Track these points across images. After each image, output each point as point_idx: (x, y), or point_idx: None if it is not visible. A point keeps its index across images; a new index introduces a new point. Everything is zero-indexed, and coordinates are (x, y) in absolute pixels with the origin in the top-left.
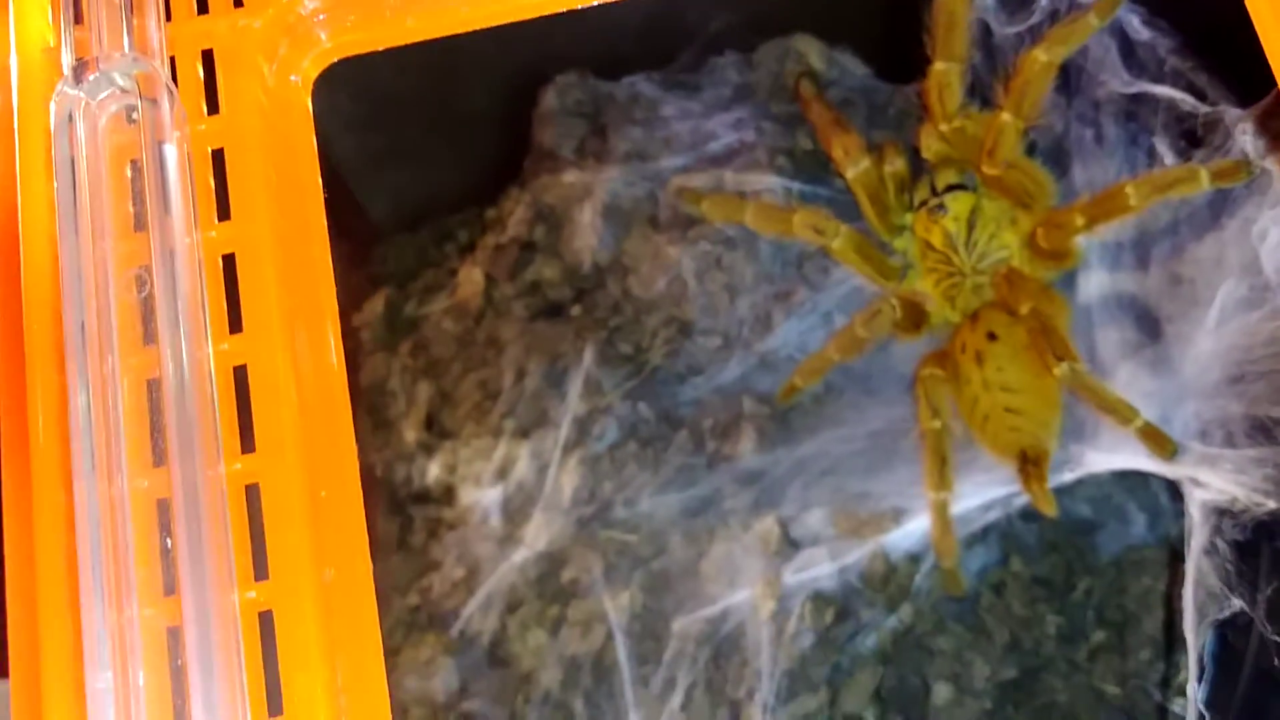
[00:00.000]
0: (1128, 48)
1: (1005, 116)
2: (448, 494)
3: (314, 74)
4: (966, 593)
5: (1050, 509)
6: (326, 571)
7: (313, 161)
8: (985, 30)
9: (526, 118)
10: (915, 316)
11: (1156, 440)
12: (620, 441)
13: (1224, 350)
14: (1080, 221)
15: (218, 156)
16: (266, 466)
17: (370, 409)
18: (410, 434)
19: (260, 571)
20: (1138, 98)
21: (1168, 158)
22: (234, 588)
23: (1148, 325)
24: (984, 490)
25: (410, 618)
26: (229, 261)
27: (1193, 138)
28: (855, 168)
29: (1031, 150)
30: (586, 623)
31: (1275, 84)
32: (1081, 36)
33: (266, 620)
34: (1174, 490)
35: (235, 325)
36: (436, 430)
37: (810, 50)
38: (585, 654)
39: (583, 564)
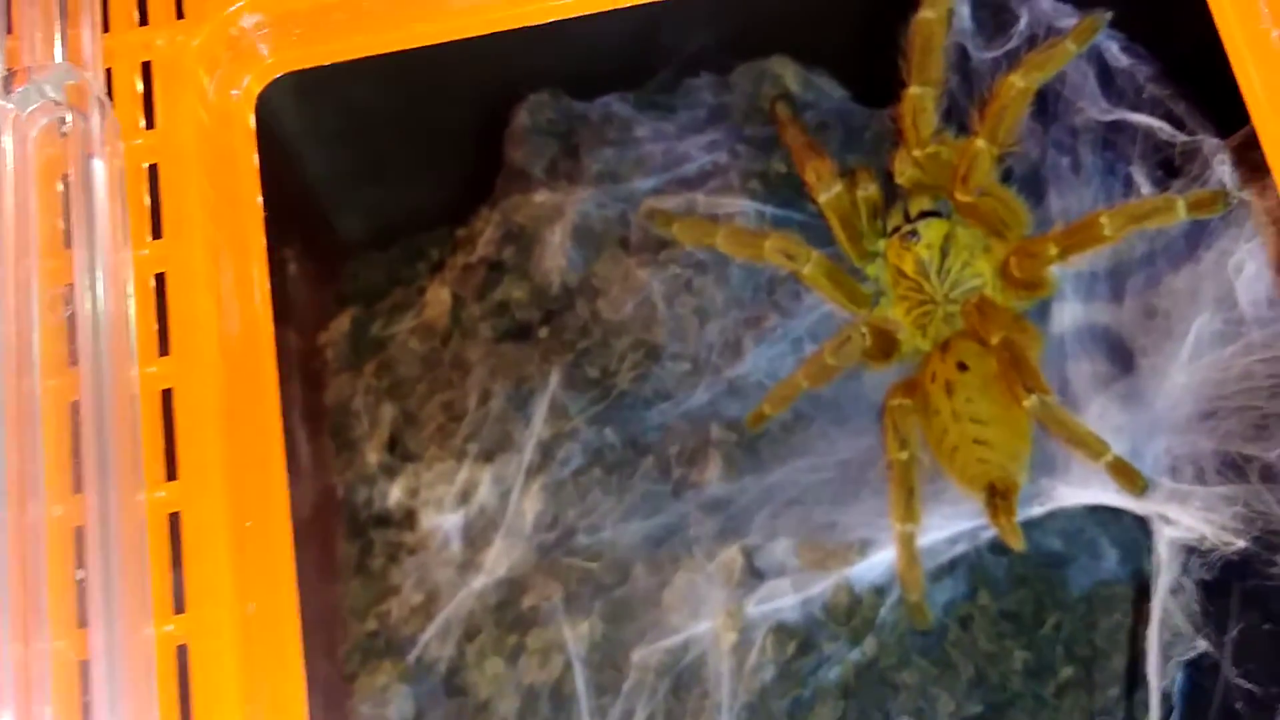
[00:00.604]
0: (1106, 75)
1: (980, 143)
2: (409, 518)
3: (257, 89)
4: (932, 626)
5: (1018, 543)
6: (249, 605)
7: (253, 178)
8: (963, 54)
9: (500, 135)
10: (885, 345)
11: (1126, 476)
12: (585, 467)
13: (1197, 385)
14: (1054, 251)
15: (154, 172)
16: (190, 495)
17: (334, 430)
18: (373, 456)
19: (179, 604)
20: (1115, 125)
21: (1145, 187)
22: (150, 621)
23: (1121, 358)
24: (952, 523)
25: (368, 643)
26: (161, 281)
27: (1170, 167)
28: (827, 192)
29: (1007, 177)
30: (545, 651)
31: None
32: (1059, 62)
33: (185, 655)
34: (1146, 525)
35: (165, 347)
36: (399, 452)
37: (787, 73)
38: (543, 683)
39: (543, 591)
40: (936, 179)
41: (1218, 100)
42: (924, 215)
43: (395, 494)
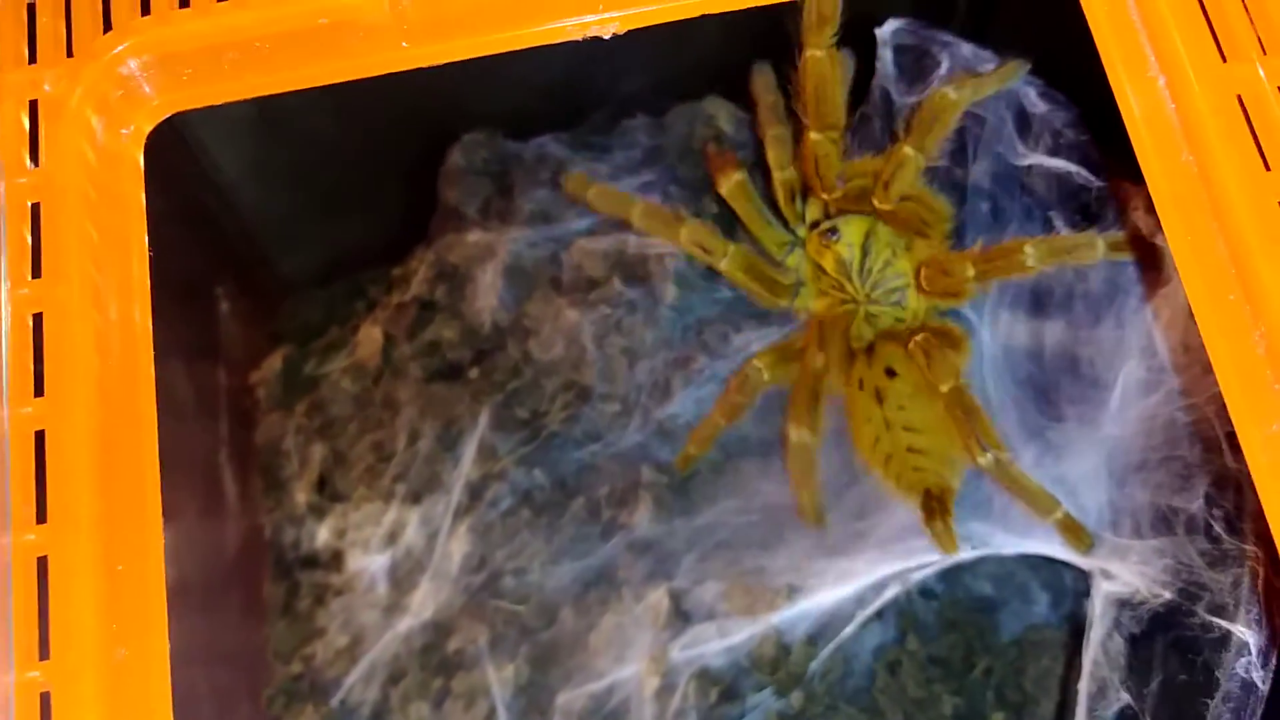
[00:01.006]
0: (1024, 120)
1: (907, 149)
2: (336, 559)
3: (146, 128)
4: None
5: (952, 548)
6: (119, 650)
7: (140, 218)
8: (885, 98)
9: (436, 174)
10: (785, 373)
11: (1074, 533)
12: (513, 508)
13: (1130, 436)
14: (971, 272)
15: (36, 211)
16: (58, 537)
17: (263, 469)
18: (301, 496)
19: (45, 650)
20: (1033, 170)
21: (1063, 231)
22: (10, 667)
23: (1049, 407)
24: (878, 567)
25: (292, 686)
26: (39, 320)
27: (1087, 212)
28: (729, 180)
29: None
30: (470, 696)
31: None
32: (988, 88)
33: (47, 702)
34: (1078, 569)
35: (40, 388)
36: (328, 493)
37: (720, 113)
38: None
39: (469, 634)
40: (855, 204)
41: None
42: (844, 212)
43: (323, 535)
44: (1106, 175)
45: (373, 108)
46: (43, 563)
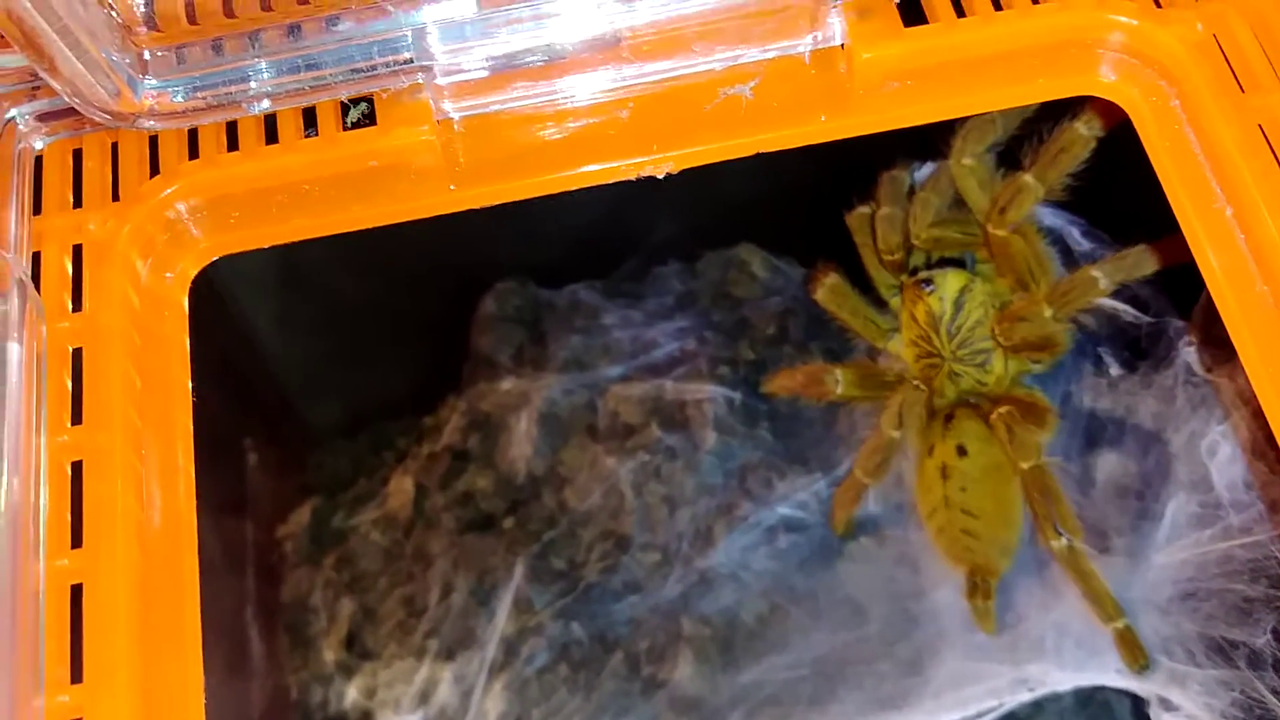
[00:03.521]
0: (1070, 259)
1: (1027, 178)
2: (365, 719)
3: (192, 272)
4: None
5: (990, 627)
6: None
7: (184, 363)
8: None
9: (468, 323)
10: (858, 393)
11: (1132, 648)
12: (550, 664)
13: (1176, 566)
14: (1048, 311)
15: (78, 356)
16: (95, 698)
17: (290, 626)
18: (330, 654)
19: None
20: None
21: (1113, 368)
22: None
23: (1097, 539)
24: (934, 718)
25: None
26: (78, 469)
27: (1137, 348)
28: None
29: None
30: None
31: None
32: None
33: None
34: (1139, 713)
35: (78, 539)
36: (357, 650)
37: (753, 259)
38: None
39: None
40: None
41: (1179, 282)
42: (944, 263)
43: (352, 694)
44: (1155, 312)
45: (403, 257)
46: None
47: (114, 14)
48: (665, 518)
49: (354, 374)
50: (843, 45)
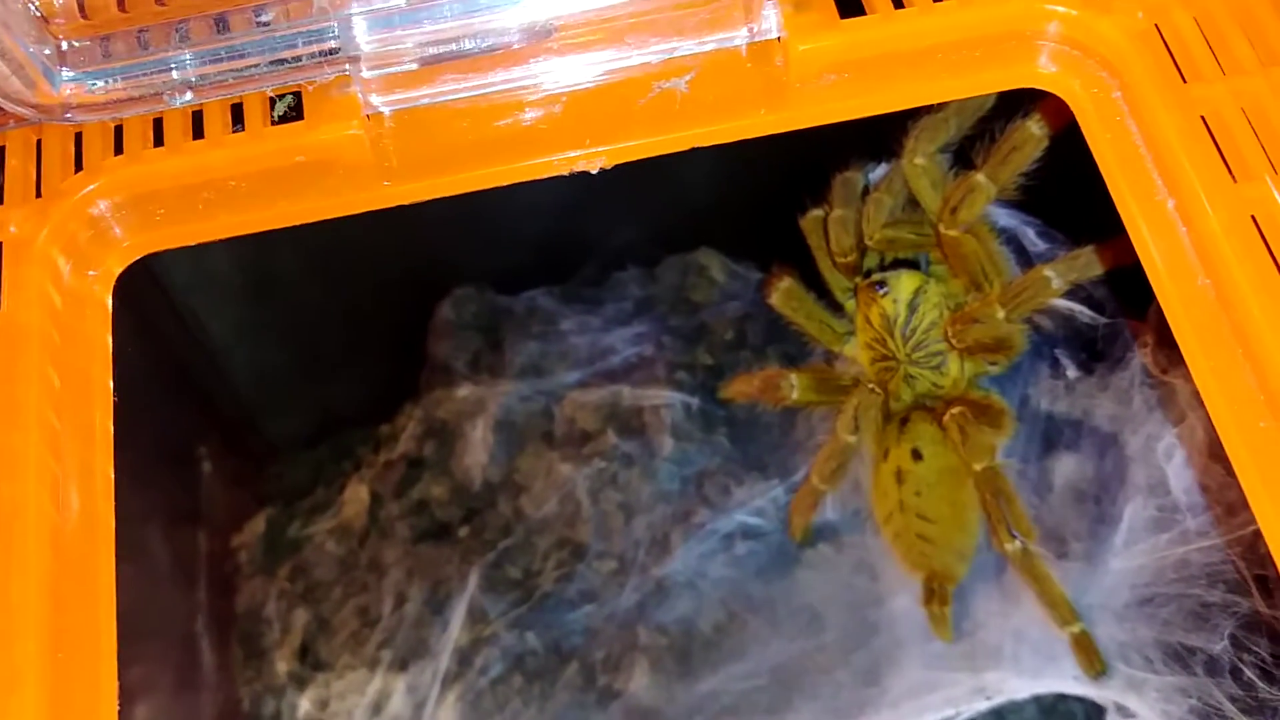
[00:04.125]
0: (1025, 260)
1: (979, 177)
2: None
3: (116, 270)
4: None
5: (947, 635)
6: None
7: (105, 364)
8: None
9: (424, 330)
10: (813, 398)
11: (1089, 653)
12: (504, 675)
13: (1133, 570)
14: (1000, 312)
15: None
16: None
17: (243, 637)
18: (283, 665)
19: None
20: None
21: (1070, 370)
22: None
23: (1055, 544)
24: None
25: None
26: None
27: (1093, 350)
28: (782, 284)
29: None
30: None
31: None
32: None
33: None
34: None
35: None
36: (310, 661)
37: (712, 263)
38: None
39: None
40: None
41: (1134, 283)
42: (898, 264)
43: (304, 705)
44: (1110, 313)
45: (361, 265)
46: None
47: (32, 6)
48: (622, 525)
49: (314, 382)
50: (779, 38)
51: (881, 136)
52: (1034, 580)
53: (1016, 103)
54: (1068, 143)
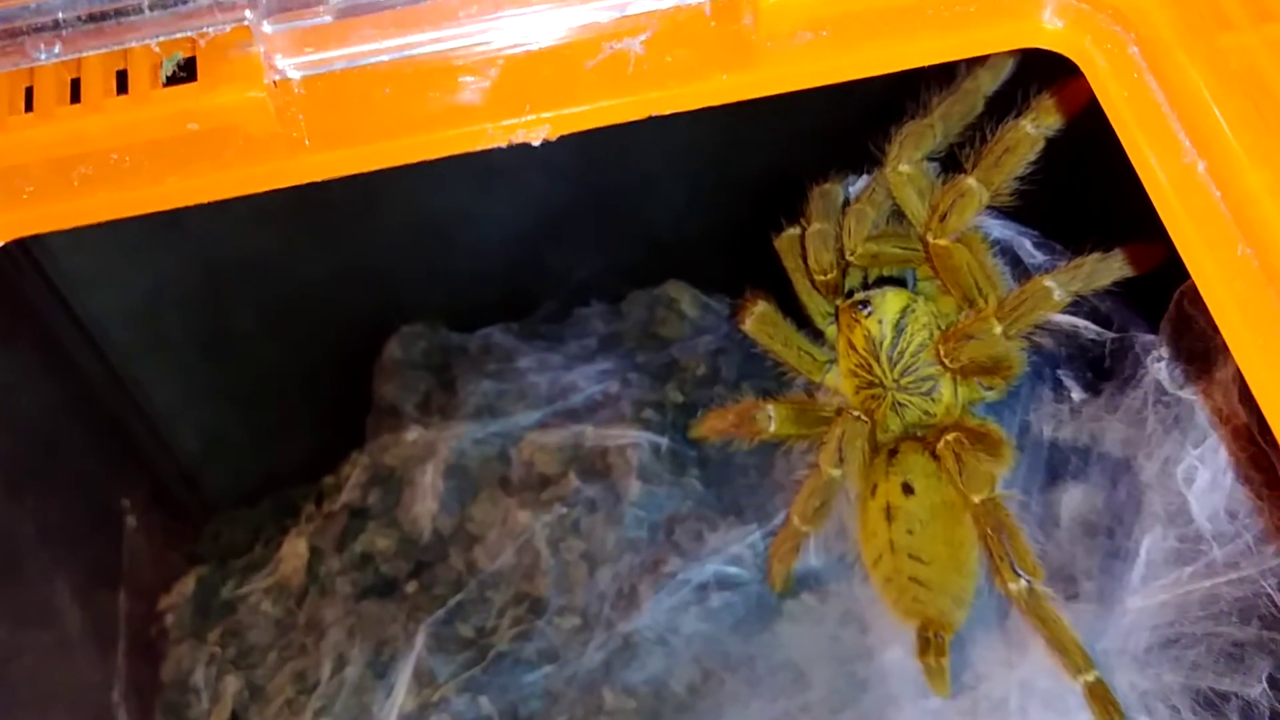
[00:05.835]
0: (1021, 273)
1: (969, 181)
2: None
3: None
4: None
5: (943, 689)
6: None
7: None
8: None
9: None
10: (793, 430)
11: (1105, 704)
12: None
13: (1154, 609)
14: (997, 328)
15: None
16: None
17: (167, 708)
18: None
19: None
20: (1038, 327)
21: (1075, 392)
22: None
23: (1063, 584)
24: None
25: None
26: None
27: (1100, 368)
28: (756, 308)
29: None
30: None
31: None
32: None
33: None
34: None
35: None
36: None
37: (682, 296)
38: None
39: None
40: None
41: (1144, 293)
42: (883, 282)
43: None
44: (1118, 328)
45: (304, 301)
46: None
47: None
48: (585, 577)
49: (255, 431)
50: None
51: (864, 151)
52: (1042, 624)
53: (1009, 102)
54: (1069, 146)
